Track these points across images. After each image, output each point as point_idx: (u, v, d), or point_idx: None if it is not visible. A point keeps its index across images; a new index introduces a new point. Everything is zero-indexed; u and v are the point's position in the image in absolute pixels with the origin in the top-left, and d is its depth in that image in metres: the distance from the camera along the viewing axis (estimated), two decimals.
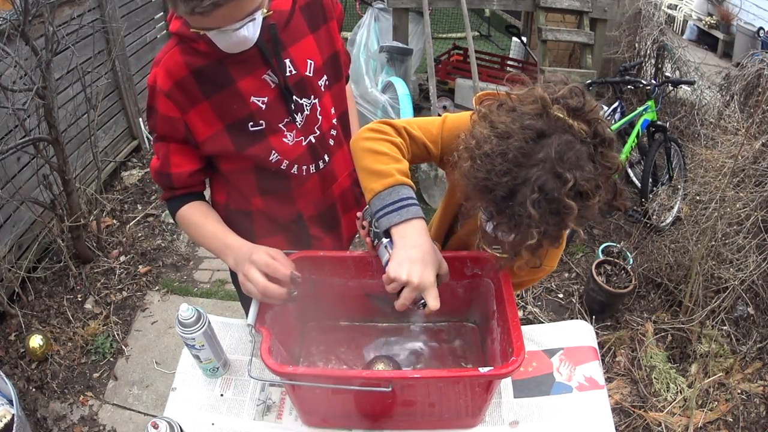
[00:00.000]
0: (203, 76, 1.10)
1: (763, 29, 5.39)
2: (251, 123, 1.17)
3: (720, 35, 5.92)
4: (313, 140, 1.25)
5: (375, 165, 1.01)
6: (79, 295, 2.79)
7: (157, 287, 2.91)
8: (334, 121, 1.30)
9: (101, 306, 2.75)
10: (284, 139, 1.21)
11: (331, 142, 1.31)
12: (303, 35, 1.18)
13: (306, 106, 1.21)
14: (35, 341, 2.42)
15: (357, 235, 1.44)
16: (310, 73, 1.20)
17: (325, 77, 1.24)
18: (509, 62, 4.57)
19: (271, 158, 1.21)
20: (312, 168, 1.28)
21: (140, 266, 3.00)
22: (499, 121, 0.86)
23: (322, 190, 1.33)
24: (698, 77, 3.72)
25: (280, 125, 1.19)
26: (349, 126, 1.41)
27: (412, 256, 0.95)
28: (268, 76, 1.15)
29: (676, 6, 6.59)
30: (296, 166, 1.25)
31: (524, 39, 4.52)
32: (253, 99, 1.15)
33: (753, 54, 3.58)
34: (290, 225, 1.34)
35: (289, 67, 1.16)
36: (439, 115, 1.13)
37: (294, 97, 1.18)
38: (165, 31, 4.07)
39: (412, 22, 3.80)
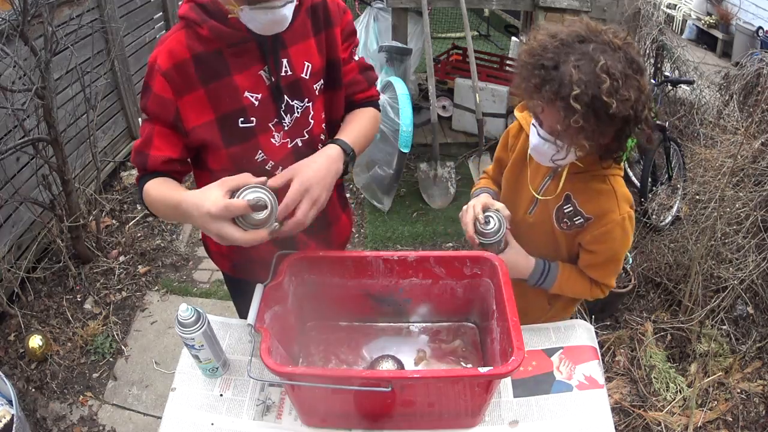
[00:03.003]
0: (203, 62, 1.10)
1: (762, 28, 5.39)
2: (242, 119, 1.15)
3: (719, 35, 5.92)
4: (300, 143, 1.23)
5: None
6: (79, 296, 2.79)
7: (156, 287, 2.91)
8: (323, 125, 1.28)
9: (101, 306, 2.75)
10: (272, 139, 1.20)
11: (321, 147, 1.26)
12: (305, 37, 1.17)
13: (297, 108, 1.20)
14: (35, 341, 2.42)
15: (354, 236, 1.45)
16: (306, 75, 1.18)
17: (321, 81, 1.22)
18: (508, 62, 4.56)
19: (256, 157, 1.20)
20: None
21: (140, 266, 3.00)
22: (552, 29, 1.11)
23: None
24: (697, 77, 3.72)
25: (270, 124, 1.18)
26: (337, 129, 1.32)
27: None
28: (264, 72, 1.14)
29: (675, 5, 6.59)
30: (281, 168, 1.22)
31: (523, 39, 4.52)
32: (246, 94, 1.14)
33: (752, 53, 3.58)
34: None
35: (286, 67, 1.15)
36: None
37: (285, 98, 1.17)
38: (164, 32, 4.07)
39: (411, 21, 3.80)
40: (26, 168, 2.70)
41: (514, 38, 4.92)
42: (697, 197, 2.61)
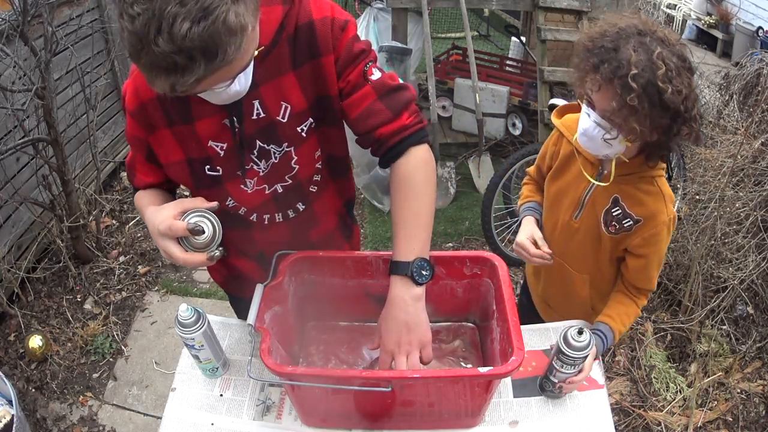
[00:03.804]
0: (166, 104, 1.01)
1: (762, 29, 5.39)
2: (208, 167, 1.07)
3: (719, 35, 5.92)
4: (280, 189, 1.13)
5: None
6: (79, 296, 2.79)
7: (156, 287, 2.91)
8: (319, 164, 1.14)
9: (101, 306, 2.75)
10: (242, 187, 1.10)
11: (313, 189, 1.17)
12: (282, 72, 1.00)
13: (274, 153, 1.07)
14: (35, 342, 2.42)
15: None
16: (283, 118, 1.03)
17: (309, 121, 1.06)
18: (508, 62, 4.57)
19: (227, 203, 1.13)
20: (279, 217, 1.18)
21: (139, 266, 3.00)
22: (611, 19, 1.16)
23: (291, 237, 1.22)
24: (697, 76, 3.71)
25: (238, 173, 1.08)
26: (340, 165, 1.20)
27: None
28: (228, 121, 1.02)
29: (675, 5, 6.59)
30: (256, 214, 1.17)
31: (523, 39, 4.52)
32: (211, 143, 1.04)
33: (752, 53, 3.58)
34: (256, 257, 1.27)
35: (258, 109, 1.01)
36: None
37: (258, 143, 1.05)
38: None
39: (411, 21, 3.80)
40: (26, 168, 2.70)
41: (514, 38, 4.92)
42: (697, 197, 2.61)
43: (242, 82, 0.91)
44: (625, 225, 1.26)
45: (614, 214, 1.27)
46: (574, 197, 1.34)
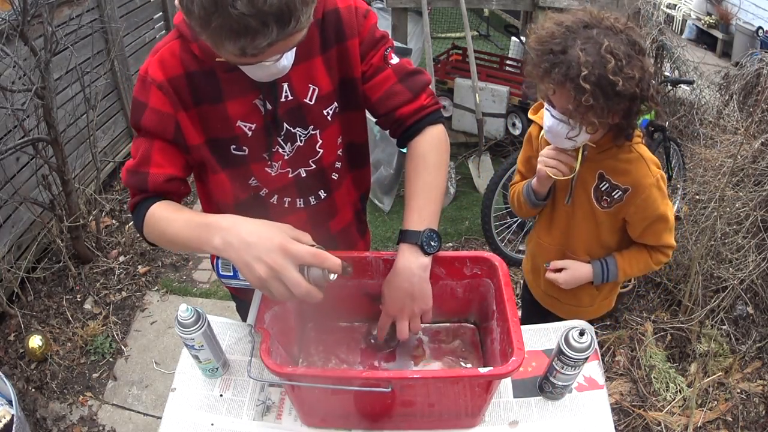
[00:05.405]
0: (196, 81, 1.00)
1: (762, 28, 5.39)
2: (234, 146, 1.06)
3: (719, 35, 5.93)
4: (304, 173, 1.14)
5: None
6: (79, 296, 2.79)
7: (156, 287, 2.91)
8: (340, 152, 1.17)
9: (100, 306, 2.75)
10: (267, 169, 1.11)
11: (335, 176, 1.19)
12: (311, 56, 1.04)
13: (300, 136, 1.09)
14: (34, 341, 2.42)
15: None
16: (310, 100, 1.06)
17: (335, 104, 1.09)
18: (508, 62, 4.57)
19: (249, 182, 1.13)
20: (299, 202, 1.19)
21: (139, 266, 3.00)
22: (558, 17, 1.18)
23: (311, 227, 1.20)
24: (697, 77, 3.72)
25: (264, 155, 1.09)
26: (360, 154, 1.23)
27: None
28: (260, 101, 1.03)
29: (675, 5, 6.59)
30: (277, 196, 1.16)
31: (523, 38, 4.51)
32: (239, 123, 1.04)
33: (752, 53, 3.58)
34: None
35: (286, 92, 1.04)
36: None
37: (285, 125, 1.06)
38: (164, 32, 4.06)
39: (411, 21, 3.80)
40: (26, 168, 2.70)
41: (514, 38, 4.92)
42: (697, 197, 2.61)
43: (289, 58, 0.93)
44: (616, 197, 1.31)
45: (602, 188, 1.32)
46: (563, 183, 1.39)
